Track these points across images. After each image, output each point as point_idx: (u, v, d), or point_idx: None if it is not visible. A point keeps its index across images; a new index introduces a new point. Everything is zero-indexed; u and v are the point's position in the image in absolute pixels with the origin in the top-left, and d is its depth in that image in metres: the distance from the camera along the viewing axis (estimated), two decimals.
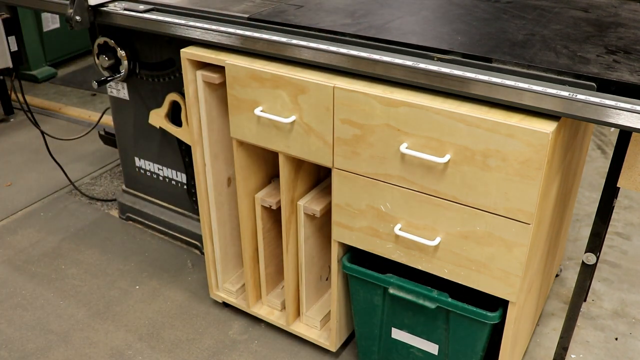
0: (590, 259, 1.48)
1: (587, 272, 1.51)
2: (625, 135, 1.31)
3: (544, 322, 2.12)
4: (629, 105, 1.18)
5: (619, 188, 1.40)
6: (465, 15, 1.67)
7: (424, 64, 1.38)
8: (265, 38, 1.58)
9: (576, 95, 1.22)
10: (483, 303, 1.57)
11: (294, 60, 1.57)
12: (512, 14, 1.69)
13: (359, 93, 1.45)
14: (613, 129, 3.45)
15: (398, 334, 1.76)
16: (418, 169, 1.45)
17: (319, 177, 1.88)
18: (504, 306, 1.53)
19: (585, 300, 2.20)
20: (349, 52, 1.46)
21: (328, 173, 1.89)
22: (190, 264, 2.41)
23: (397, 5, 1.76)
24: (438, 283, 1.65)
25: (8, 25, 2.79)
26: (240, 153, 1.79)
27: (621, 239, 2.55)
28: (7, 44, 2.79)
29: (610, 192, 1.40)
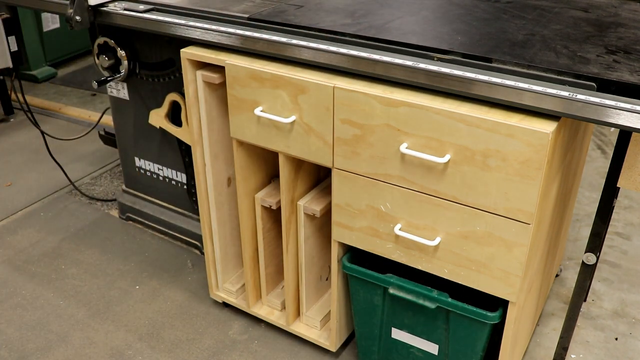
0: (590, 259, 1.48)
1: (587, 272, 1.51)
2: (625, 135, 1.31)
3: (544, 322, 2.12)
4: (629, 105, 1.18)
5: (619, 188, 1.40)
6: (465, 15, 1.67)
7: (424, 64, 1.38)
8: (265, 38, 1.58)
9: (576, 95, 1.22)
10: (483, 303, 1.57)
11: (294, 60, 1.57)
12: (512, 14, 1.69)
13: (359, 93, 1.45)
14: (613, 129, 3.45)
15: (398, 334, 1.76)
16: (418, 169, 1.45)
17: (319, 177, 1.88)
18: (504, 306, 1.53)
19: (585, 300, 2.20)
20: (349, 52, 1.46)
21: (328, 173, 1.89)
22: (190, 264, 2.41)
23: (397, 5, 1.76)
24: (438, 283, 1.65)
25: (8, 25, 2.79)
26: (240, 153, 1.79)
27: (621, 239, 2.55)
28: (7, 44, 2.79)
29: (610, 192, 1.40)
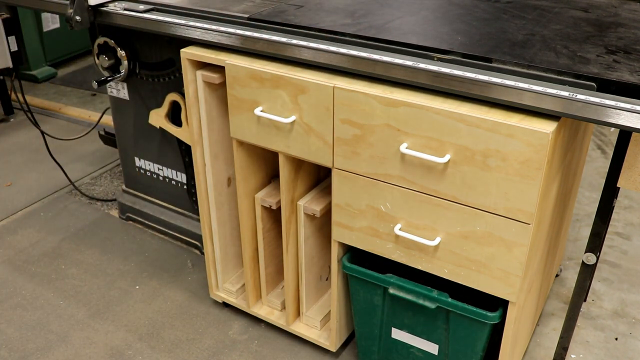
0: (590, 259, 1.48)
1: (587, 272, 1.51)
2: (625, 135, 1.31)
3: (544, 322, 2.12)
4: (629, 105, 1.18)
5: (619, 188, 1.40)
6: (465, 15, 1.67)
7: (424, 64, 1.38)
8: (265, 38, 1.58)
9: (576, 95, 1.22)
10: (483, 303, 1.57)
11: (294, 60, 1.57)
12: (512, 14, 1.69)
13: (359, 93, 1.45)
14: (613, 129, 3.45)
15: (398, 334, 1.76)
16: (418, 169, 1.45)
17: (319, 177, 1.88)
18: (504, 306, 1.53)
19: (585, 300, 2.20)
20: (349, 52, 1.46)
21: (328, 173, 1.89)
22: (190, 264, 2.41)
23: (397, 5, 1.76)
24: (438, 283, 1.65)
25: (8, 25, 2.79)
26: (240, 153, 1.79)
27: (621, 239, 2.55)
28: (7, 44, 2.79)
29: (610, 192, 1.40)
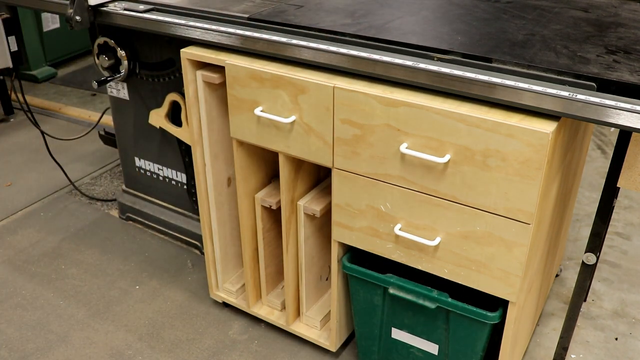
0: (590, 259, 1.48)
1: (587, 272, 1.51)
2: (625, 135, 1.31)
3: (544, 322, 2.12)
4: (629, 105, 1.18)
5: (619, 188, 1.40)
6: (465, 15, 1.67)
7: (424, 64, 1.38)
8: (265, 38, 1.58)
9: (576, 95, 1.22)
10: (483, 303, 1.57)
11: (294, 60, 1.57)
12: (512, 14, 1.69)
13: (359, 93, 1.45)
14: (613, 129, 3.45)
15: (398, 334, 1.76)
16: (418, 169, 1.45)
17: (319, 177, 1.88)
18: (504, 306, 1.53)
19: (585, 300, 2.20)
20: (349, 52, 1.46)
21: (328, 173, 1.89)
22: (190, 264, 2.41)
23: (397, 5, 1.76)
24: (438, 283, 1.65)
25: (8, 25, 2.79)
26: (240, 153, 1.79)
27: (621, 239, 2.55)
28: (7, 44, 2.79)
29: (610, 192, 1.40)
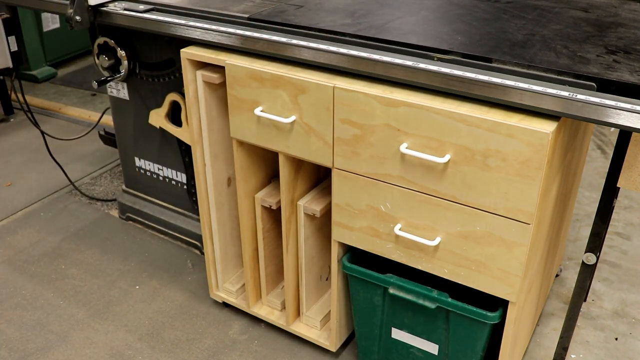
0: (590, 259, 1.48)
1: (587, 272, 1.51)
2: (625, 135, 1.31)
3: (544, 322, 2.12)
4: (629, 105, 1.18)
5: (619, 188, 1.40)
6: (465, 15, 1.67)
7: (424, 64, 1.38)
8: (265, 38, 1.58)
9: (576, 95, 1.22)
10: (483, 303, 1.57)
11: (294, 60, 1.57)
12: (512, 14, 1.69)
13: (359, 93, 1.45)
14: (613, 129, 3.45)
15: (398, 334, 1.76)
16: (418, 169, 1.45)
17: (319, 177, 1.88)
18: (504, 306, 1.53)
19: (585, 300, 2.20)
20: (349, 52, 1.46)
21: (328, 173, 1.88)
22: (190, 264, 2.41)
23: (397, 5, 1.76)
24: (438, 283, 1.65)
25: (8, 25, 2.79)
26: (240, 153, 1.79)
27: (621, 239, 2.55)
28: (7, 44, 2.79)
29: (610, 192, 1.40)
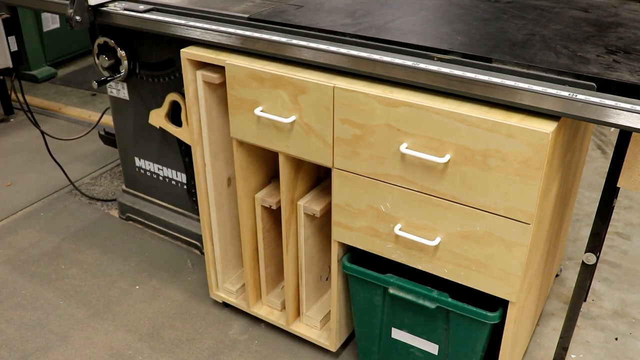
0: (590, 259, 1.48)
1: (587, 272, 1.51)
2: (625, 135, 1.31)
3: (544, 322, 2.12)
4: (629, 105, 1.18)
5: (619, 188, 1.40)
6: (465, 15, 1.67)
7: (424, 64, 1.38)
8: (265, 38, 1.58)
9: (576, 95, 1.22)
10: (483, 303, 1.57)
11: (294, 60, 1.57)
12: (512, 14, 1.69)
13: (359, 93, 1.45)
14: (613, 129, 3.45)
15: (398, 334, 1.76)
16: (418, 169, 1.45)
17: (319, 177, 1.88)
18: (504, 306, 1.53)
19: (585, 300, 2.20)
20: (349, 52, 1.46)
21: (328, 173, 1.88)
22: (190, 264, 2.41)
23: (397, 5, 1.76)
24: (438, 283, 1.65)
25: (8, 25, 2.79)
26: (240, 153, 1.79)
27: (621, 239, 2.55)
28: (7, 44, 2.79)
29: (610, 192, 1.40)
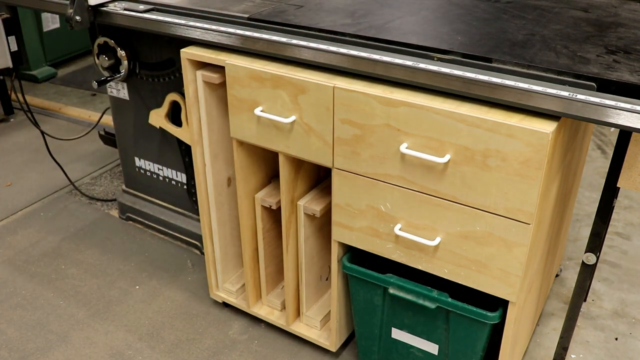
0: (590, 259, 1.48)
1: (587, 272, 1.51)
2: (625, 135, 1.31)
3: (544, 322, 2.12)
4: (629, 105, 1.18)
5: (619, 188, 1.40)
6: (465, 15, 1.67)
7: (424, 64, 1.38)
8: (265, 38, 1.58)
9: (576, 95, 1.22)
10: (483, 303, 1.57)
11: (294, 60, 1.57)
12: (512, 14, 1.69)
13: (359, 93, 1.45)
14: (613, 129, 3.45)
15: (398, 334, 1.76)
16: (418, 169, 1.45)
17: (319, 177, 1.88)
18: (504, 306, 1.53)
19: (585, 300, 2.20)
20: (349, 52, 1.46)
21: (328, 173, 1.89)
22: (190, 264, 2.41)
23: (397, 5, 1.76)
24: (438, 283, 1.65)
25: (8, 25, 2.79)
26: (240, 153, 1.79)
27: (621, 239, 2.55)
28: (7, 44, 2.79)
29: (610, 192, 1.40)
